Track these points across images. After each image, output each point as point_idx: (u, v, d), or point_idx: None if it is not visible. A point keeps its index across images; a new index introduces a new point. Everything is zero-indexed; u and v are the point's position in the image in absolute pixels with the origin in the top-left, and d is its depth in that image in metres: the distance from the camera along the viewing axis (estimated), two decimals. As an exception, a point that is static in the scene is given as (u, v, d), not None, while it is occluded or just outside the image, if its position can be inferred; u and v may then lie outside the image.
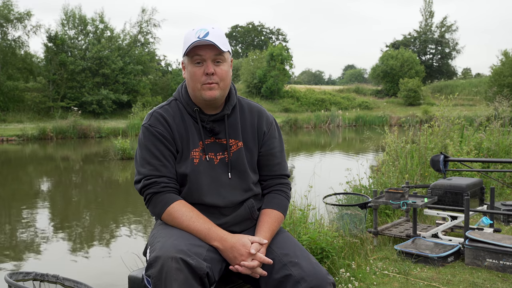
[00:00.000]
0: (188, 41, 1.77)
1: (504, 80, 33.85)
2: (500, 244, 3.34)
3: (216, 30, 1.79)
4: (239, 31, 64.70)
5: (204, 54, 1.77)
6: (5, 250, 5.68)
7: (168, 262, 1.52)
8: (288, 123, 29.00)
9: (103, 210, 8.18)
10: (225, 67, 1.81)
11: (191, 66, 1.80)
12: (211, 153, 1.84)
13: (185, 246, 1.59)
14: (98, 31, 31.56)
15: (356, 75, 76.08)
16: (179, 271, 1.51)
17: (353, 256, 3.52)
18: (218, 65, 1.79)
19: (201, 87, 1.79)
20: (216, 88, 1.79)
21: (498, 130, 8.11)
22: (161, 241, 1.65)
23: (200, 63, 1.78)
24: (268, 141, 1.94)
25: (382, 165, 6.33)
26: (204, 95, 1.79)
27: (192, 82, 1.81)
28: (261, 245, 1.72)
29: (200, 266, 1.55)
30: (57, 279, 2.23)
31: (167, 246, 1.58)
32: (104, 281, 4.39)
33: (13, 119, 25.04)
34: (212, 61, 1.78)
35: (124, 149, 13.71)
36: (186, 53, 1.78)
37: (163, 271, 1.51)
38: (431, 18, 53.46)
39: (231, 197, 1.84)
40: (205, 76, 1.78)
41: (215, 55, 1.77)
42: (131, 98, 29.52)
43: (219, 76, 1.79)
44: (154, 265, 1.55)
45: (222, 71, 1.79)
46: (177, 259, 1.52)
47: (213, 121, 1.86)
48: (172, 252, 1.54)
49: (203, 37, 1.74)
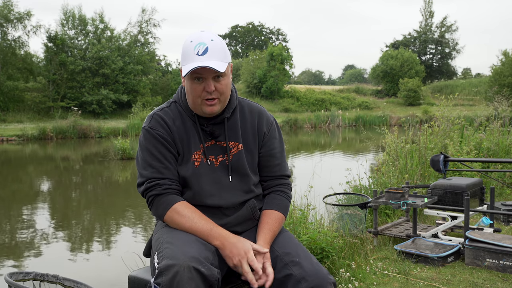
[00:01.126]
0: (186, 56, 1.73)
1: (504, 80, 33.85)
2: (500, 244, 3.34)
3: (216, 43, 1.73)
4: (239, 31, 64.66)
5: (203, 73, 1.73)
6: (5, 250, 5.68)
7: (181, 271, 1.49)
8: (288, 123, 29.00)
9: (103, 210, 8.18)
10: (225, 80, 1.78)
11: (191, 82, 1.76)
12: (211, 156, 1.84)
13: (196, 251, 1.58)
14: (98, 31, 31.56)
15: (356, 75, 76.03)
16: (191, 280, 1.49)
17: (353, 256, 3.52)
18: (218, 80, 1.75)
19: (202, 102, 1.77)
20: (217, 104, 1.78)
21: (498, 130, 8.11)
22: (169, 247, 1.62)
23: (200, 80, 1.75)
24: (268, 142, 1.93)
25: (382, 165, 6.34)
26: (205, 110, 1.78)
27: (192, 97, 1.78)
28: (259, 254, 1.71)
29: (212, 274, 1.54)
30: (57, 279, 2.23)
31: (178, 254, 1.55)
32: (104, 281, 4.39)
33: (13, 119, 25.04)
34: (212, 78, 1.75)
35: (124, 149, 13.71)
36: (184, 75, 1.73)
37: (174, 280, 1.48)
38: (431, 18, 53.46)
39: (233, 198, 1.84)
40: (205, 92, 1.75)
41: (215, 72, 1.74)
42: (131, 98, 29.53)
43: (220, 91, 1.77)
44: (165, 273, 1.51)
45: (222, 86, 1.77)
46: (190, 268, 1.50)
47: (213, 124, 1.85)
48: (184, 261, 1.52)
49: (202, 54, 1.70)
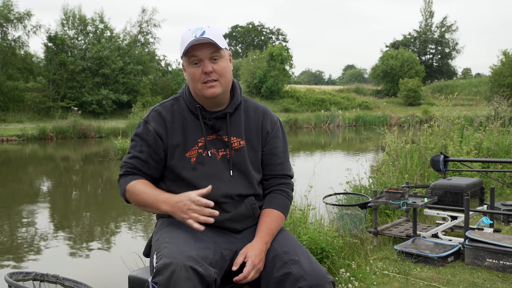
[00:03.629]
0: (184, 42, 1.78)
1: (504, 80, 33.83)
2: (500, 244, 3.34)
3: (212, 28, 1.78)
4: (239, 31, 64.66)
5: (200, 54, 1.77)
6: (5, 250, 5.68)
7: (178, 270, 1.49)
8: (288, 123, 29.01)
9: (103, 210, 8.18)
10: (223, 63, 1.80)
11: (190, 67, 1.81)
12: (213, 149, 1.84)
13: (194, 251, 1.58)
14: (98, 31, 31.54)
15: (356, 75, 76.02)
16: (188, 280, 1.49)
17: (353, 256, 3.52)
18: (215, 62, 1.79)
19: (202, 86, 1.79)
20: (217, 86, 1.79)
21: (497, 130, 8.11)
22: (168, 247, 1.62)
23: (198, 64, 1.79)
24: (271, 141, 1.94)
25: (382, 165, 6.33)
26: (206, 93, 1.80)
27: (193, 83, 1.81)
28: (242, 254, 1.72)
29: (209, 273, 1.54)
30: (57, 279, 2.23)
31: (175, 253, 1.55)
32: (104, 281, 4.39)
33: (13, 119, 25.02)
34: (209, 60, 1.78)
35: (124, 149, 13.69)
36: (184, 53, 1.79)
37: (171, 279, 1.49)
38: (431, 18, 53.48)
39: (230, 191, 1.82)
40: (204, 75, 1.78)
41: (211, 53, 1.77)
42: (131, 98, 29.50)
43: (218, 73, 1.79)
44: (162, 272, 1.51)
45: (220, 67, 1.79)
46: (186, 267, 1.50)
47: (215, 118, 1.86)
48: (181, 260, 1.52)
49: (199, 36, 1.74)
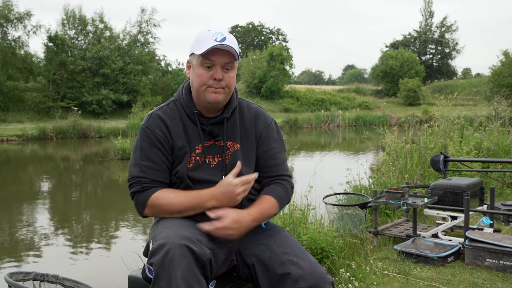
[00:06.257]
0: (203, 41, 1.75)
1: (504, 80, 33.81)
2: (500, 244, 3.34)
3: (232, 37, 1.78)
4: (239, 31, 64.62)
5: (216, 59, 1.75)
6: (5, 250, 5.68)
7: (173, 249, 1.51)
8: (288, 123, 28.98)
9: (103, 210, 8.18)
10: (233, 74, 1.81)
11: (199, 68, 1.78)
12: (209, 156, 1.83)
13: (189, 233, 1.59)
14: (98, 31, 31.54)
15: (356, 75, 76.03)
16: (183, 257, 1.50)
17: (353, 256, 3.52)
18: (227, 72, 1.78)
19: (206, 89, 1.78)
20: (221, 93, 1.79)
21: (497, 130, 8.11)
22: (163, 231, 1.63)
23: (210, 68, 1.77)
24: (266, 142, 1.92)
25: (382, 165, 6.33)
26: (208, 97, 1.78)
27: (197, 83, 1.79)
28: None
29: (204, 253, 1.55)
30: (57, 279, 2.23)
31: (170, 234, 1.57)
32: (104, 281, 4.39)
33: (13, 119, 25.02)
34: (222, 67, 1.77)
35: (124, 149, 13.71)
36: (200, 54, 1.74)
37: (166, 258, 1.50)
38: (431, 18, 53.49)
39: None
40: (212, 80, 1.77)
41: (226, 62, 1.77)
42: (131, 98, 29.48)
43: (226, 83, 1.78)
44: (157, 252, 1.52)
45: (229, 78, 1.79)
46: (181, 245, 1.52)
47: (213, 124, 1.85)
48: (176, 239, 1.53)
49: (220, 41, 1.72)
